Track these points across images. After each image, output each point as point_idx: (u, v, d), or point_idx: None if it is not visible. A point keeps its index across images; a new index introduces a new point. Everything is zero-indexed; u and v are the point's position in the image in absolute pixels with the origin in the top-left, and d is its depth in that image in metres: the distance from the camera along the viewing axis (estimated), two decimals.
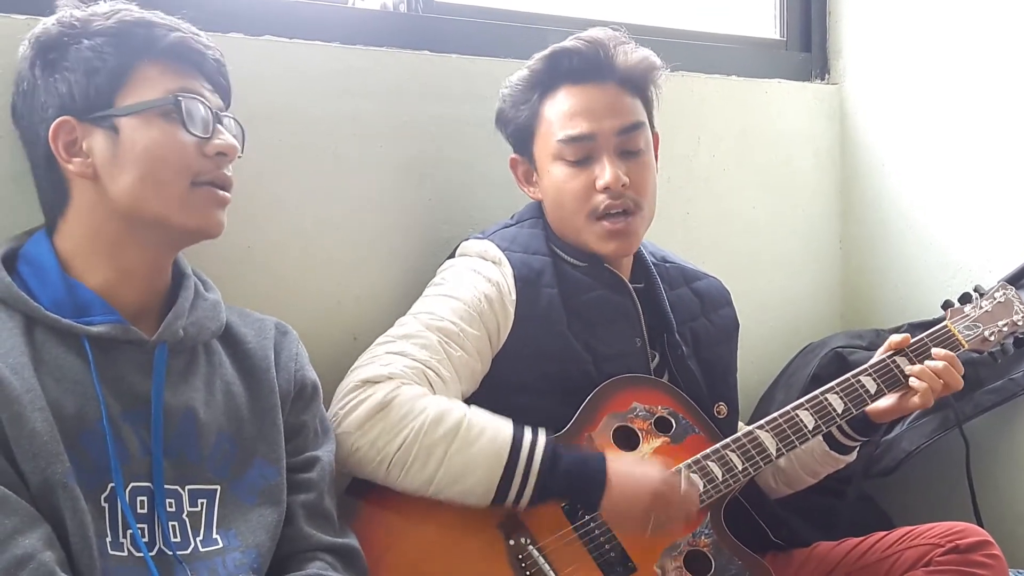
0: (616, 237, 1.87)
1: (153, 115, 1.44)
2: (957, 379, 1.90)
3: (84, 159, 1.43)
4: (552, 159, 1.87)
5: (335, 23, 2.06)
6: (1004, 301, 2.07)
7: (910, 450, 2.31)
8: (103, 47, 1.43)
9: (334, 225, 1.99)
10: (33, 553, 1.25)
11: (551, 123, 1.87)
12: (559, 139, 1.85)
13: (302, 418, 1.58)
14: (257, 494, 1.49)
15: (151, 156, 1.43)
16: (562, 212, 1.88)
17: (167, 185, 1.44)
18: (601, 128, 1.85)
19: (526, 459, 1.64)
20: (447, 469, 1.62)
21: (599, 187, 1.83)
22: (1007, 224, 2.44)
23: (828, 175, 2.77)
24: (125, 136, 1.42)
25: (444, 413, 1.64)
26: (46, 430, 1.31)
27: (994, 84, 2.46)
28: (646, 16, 2.61)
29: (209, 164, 1.47)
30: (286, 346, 1.61)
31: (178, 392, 1.45)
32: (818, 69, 2.82)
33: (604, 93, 1.87)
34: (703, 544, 1.78)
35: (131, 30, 1.45)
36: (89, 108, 1.43)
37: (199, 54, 1.50)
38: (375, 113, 2.02)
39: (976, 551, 1.82)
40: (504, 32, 2.27)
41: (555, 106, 1.88)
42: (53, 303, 1.40)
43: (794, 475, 2.03)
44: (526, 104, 1.90)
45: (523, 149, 1.95)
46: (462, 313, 1.78)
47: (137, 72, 1.44)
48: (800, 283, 2.72)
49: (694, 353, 1.96)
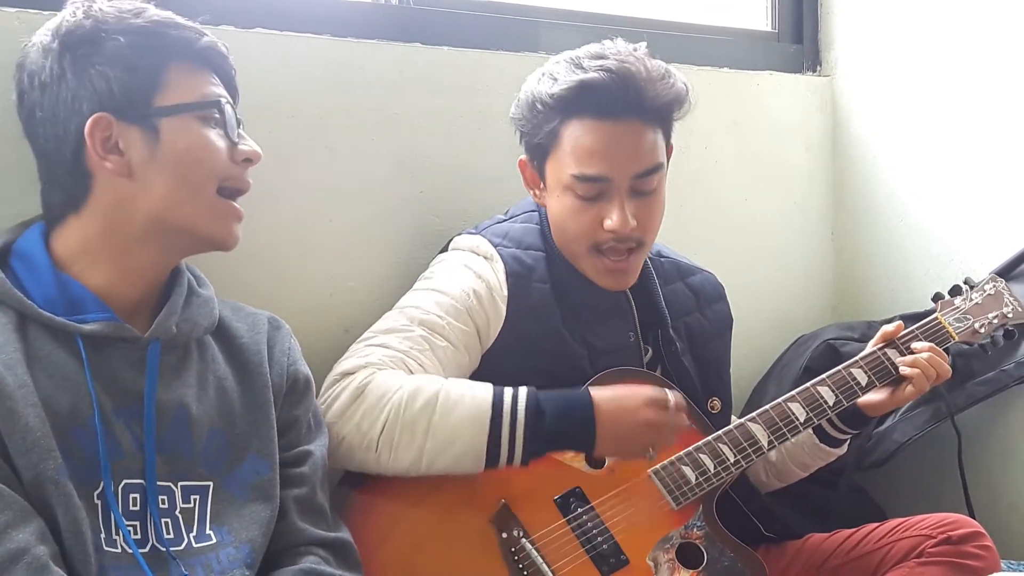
0: (614, 275, 1.86)
1: (191, 118, 1.44)
2: (945, 367, 1.91)
3: (120, 157, 1.42)
4: (563, 188, 1.81)
5: (326, 15, 2.05)
6: (994, 293, 2.08)
7: (902, 441, 2.31)
8: (139, 44, 1.42)
9: (326, 218, 1.99)
10: (27, 547, 1.25)
11: (567, 154, 1.79)
12: (574, 174, 1.78)
13: (294, 412, 1.58)
14: (250, 489, 1.49)
15: (190, 158, 1.44)
16: (565, 237, 1.86)
17: (200, 189, 1.45)
18: (619, 172, 1.78)
19: (510, 414, 1.64)
20: (433, 439, 1.62)
21: (606, 228, 1.79)
22: (999, 216, 2.44)
23: (820, 167, 2.77)
24: (166, 138, 1.43)
25: (420, 387, 1.64)
26: (38, 426, 1.31)
27: (985, 75, 2.46)
28: (638, 8, 2.61)
29: (237, 170, 1.49)
30: (279, 340, 1.61)
31: (171, 388, 1.45)
32: (810, 61, 2.82)
33: (627, 132, 1.78)
34: (695, 536, 1.78)
35: (165, 31, 1.45)
36: (128, 106, 1.41)
37: (222, 58, 1.52)
38: (366, 105, 2.02)
39: (968, 542, 1.83)
40: (495, 24, 2.27)
41: (575, 137, 1.78)
42: (45, 299, 1.40)
43: (785, 468, 2.03)
44: (546, 125, 1.81)
45: (535, 158, 1.88)
46: (448, 307, 1.78)
47: (171, 73, 1.44)
48: (792, 275, 2.72)
49: (688, 349, 1.96)
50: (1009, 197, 2.42)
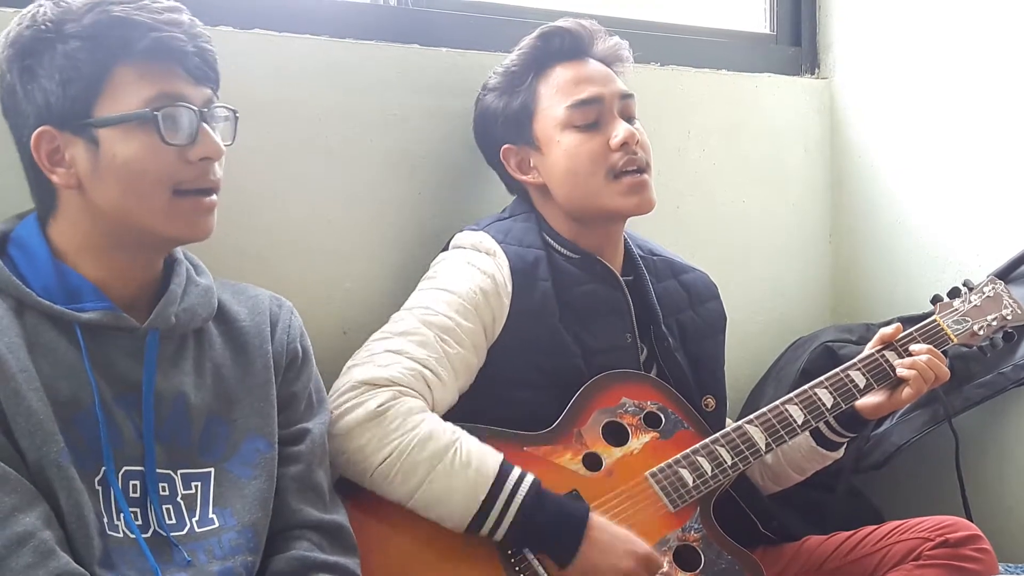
0: (638, 191, 1.88)
1: (132, 127, 1.39)
2: (943, 369, 1.91)
3: (67, 169, 1.40)
4: (560, 129, 1.87)
5: (324, 16, 2.05)
6: (993, 296, 2.07)
7: (900, 444, 2.31)
8: (77, 53, 1.37)
9: (324, 218, 1.99)
10: (33, 531, 1.26)
11: (553, 96, 1.89)
12: (568, 105, 1.87)
13: (292, 389, 1.57)
14: (252, 467, 1.49)
15: (131, 170, 1.39)
16: (576, 179, 1.87)
17: (149, 197, 1.40)
18: (608, 91, 1.89)
19: (508, 493, 1.62)
20: (427, 491, 1.61)
21: (615, 145, 1.85)
22: (997, 218, 2.44)
23: (818, 169, 2.76)
24: (105, 148, 1.38)
25: (434, 434, 1.63)
26: (41, 409, 1.31)
27: (983, 78, 2.46)
28: (635, 10, 2.61)
29: (193, 171, 1.43)
30: (281, 318, 1.61)
31: (169, 377, 1.45)
32: (808, 63, 2.82)
33: (596, 66, 1.93)
34: (692, 539, 1.78)
35: (106, 32, 1.37)
36: (68, 118, 1.38)
37: (179, 52, 1.42)
38: (365, 106, 2.02)
39: (966, 545, 1.82)
40: (493, 25, 2.26)
41: (554, 80, 1.90)
42: (43, 288, 1.40)
43: (781, 472, 2.03)
44: (520, 87, 1.91)
45: (518, 135, 1.93)
46: (457, 307, 1.77)
47: (115, 77, 1.38)
48: (790, 277, 2.72)
49: (681, 346, 1.96)
50: (1007, 199, 2.42)
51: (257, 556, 1.45)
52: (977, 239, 2.48)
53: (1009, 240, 2.37)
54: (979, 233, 2.48)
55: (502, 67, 1.96)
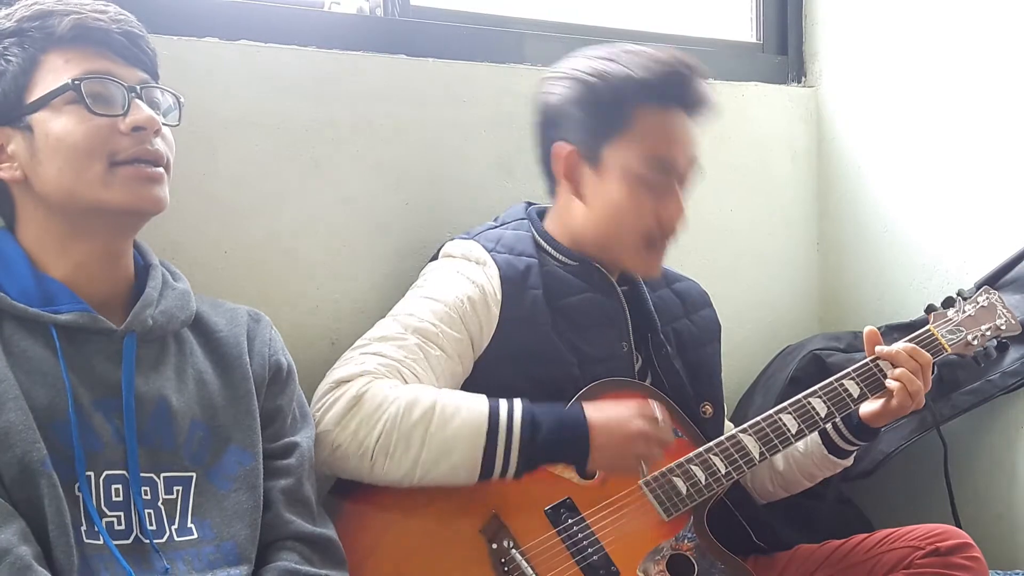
0: (656, 268, 1.91)
1: (60, 104, 1.42)
2: (924, 379, 1.90)
3: (11, 163, 1.43)
4: (629, 174, 1.83)
5: (311, 27, 2.04)
6: (987, 305, 2.08)
7: (888, 452, 2.31)
8: (7, 50, 1.43)
9: (311, 229, 1.98)
10: (9, 548, 1.25)
11: (646, 138, 1.83)
12: (650, 156, 1.82)
13: (278, 403, 1.58)
14: (232, 480, 1.48)
15: (63, 144, 1.41)
16: (614, 228, 1.86)
17: (84, 170, 1.41)
18: (684, 159, 1.87)
19: (506, 427, 1.64)
20: (429, 450, 1.61)
21: (664, 220, 1.85)
22: (983, 225, 2.45)
23: (805, 177, 2.77)
24: (38, 131, 1.42)
25: (417, 397, 1.63)
26: (21, 419, 1.31)
27: (970, 86, 2.47)
28: (622, 19, 2.61)
29: (128, 141, 1.44)
30: (259, 332, 1.61)
31: (149, 381, 1.45)
32: (794, 72, 2.83)
33: (688, 123, 1.89)
34: (686, 548, 1.78)
35: (30, 24, 1.43)
36: (7, 110, 1.43)
37: (102, 32, 1.45)
38: (352, 117, 2.02)
39: (957, 553, 1.82)
40: (481, 36, 2.27)
41: (653, 120, 1.84)
42: (21, 293, 1.40)
43: (792, 478, 2.04)
44: (619, 106, 1.83)
45: (591, 141, 1.86)
46: (442, 315, 1.77)
47: (43, 65, 1.43)
48: (778, 286, 2.73)
49: (678, 354, 1.96)
50: (993, 207, 2.43)
51: (249, 566, 1.44)
52: (964, 247, 2.49)
53: (995, 247, 2.38)
54: (966, 241, 2.48)
55: (621, 72, 1.83)
